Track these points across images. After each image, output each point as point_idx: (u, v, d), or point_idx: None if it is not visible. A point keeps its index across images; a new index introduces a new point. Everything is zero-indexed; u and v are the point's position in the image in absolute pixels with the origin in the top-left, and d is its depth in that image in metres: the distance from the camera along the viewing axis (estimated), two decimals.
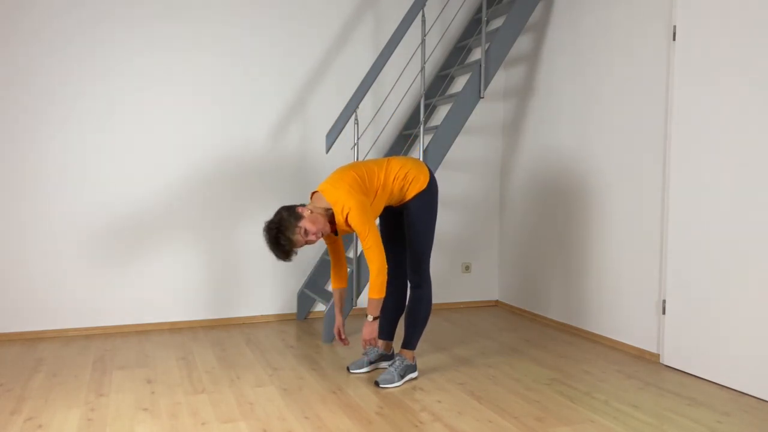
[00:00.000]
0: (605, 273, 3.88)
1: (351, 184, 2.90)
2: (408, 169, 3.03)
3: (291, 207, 2.92)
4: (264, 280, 4.42)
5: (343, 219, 2.89)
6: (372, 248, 2.85)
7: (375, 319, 2.94)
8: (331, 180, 2.95)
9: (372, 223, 2.86)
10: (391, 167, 3.03)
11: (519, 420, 2.67)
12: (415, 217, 3.06)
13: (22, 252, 3.90)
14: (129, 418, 2.66)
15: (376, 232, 2.86)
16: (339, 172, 2.98)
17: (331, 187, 2.92)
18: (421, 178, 3.04)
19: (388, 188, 3.00)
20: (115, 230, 4.08)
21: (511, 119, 4.83)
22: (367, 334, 2.96)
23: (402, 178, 3.01)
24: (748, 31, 2.97)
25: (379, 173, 3.00)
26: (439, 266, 4.87)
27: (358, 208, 2.83)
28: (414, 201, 3.04)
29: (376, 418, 2.69)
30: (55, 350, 3.68)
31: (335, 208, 2.89)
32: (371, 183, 2.97)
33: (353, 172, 2.96)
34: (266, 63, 4.35)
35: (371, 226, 2.85)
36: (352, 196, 2.85)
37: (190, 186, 4.23)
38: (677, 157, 3.34)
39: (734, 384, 3.06)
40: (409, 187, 3.03)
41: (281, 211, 2.90)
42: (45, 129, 3.91)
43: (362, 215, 2.83)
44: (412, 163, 3.08)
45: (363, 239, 2.86)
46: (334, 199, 2.89)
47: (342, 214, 2.87)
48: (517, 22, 4.09)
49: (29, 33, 3.85)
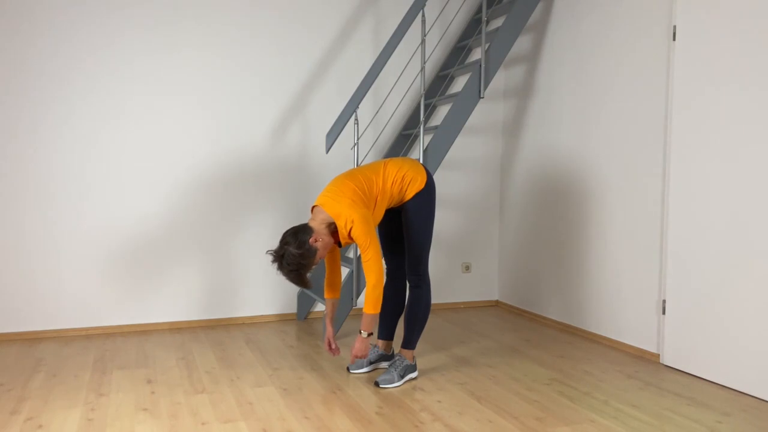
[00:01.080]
0: (605, 273, 3.88)
1: (352, 197, 2.90)
2: (405, 171, 3.04)
3: (299, 239, 2.83)
4: (264, 280, 4.42)
5: (346, 232, 2.90)
6: (371, 261, 2.86)
7: (369, 335, 2.94)
8: (330, 193, 2.94)
9: (374, 235, 2.87)
10: (389, 172, 3.03)
11: (519, 420, 2.67)
12: (414, 217, 3.06)
13: (22, 252, 3.90)
14: (129, 418, 2.66)
15: (377, 244, 2.87)
16: (337, 184, 2.96)
17: (332, 200, 2.91)
18: (419, 179, 3.05)
19: (387, 193, 3.01)
20: (115, 231, 4.08)
21: (511, 119, 4.83)
22: (359, 351, 2.97)
23: (400, 181, 3.02)
24: (748, 32, 2.97)
25: (377, 180, 3.00)
26: (439, 266, 4.87)
27: (361, 222, 2.84)
28: (412, 201, 3.05)
29: (376, 418, 2.69)
30: (55, 350, 3.68)
31: (338, 222, 2.89)
32: (370, 192, 2.97)
33: (352, 183, 2.95)
34: (266, 63, 4.35)
35: (372, 239, 2.86)
36: (354, 210, 2.86)
37: (189, 186, 4.23)
38: (677, 157, 3.34)
39: (734, 384, 3.06)
40: (407, 188, 3.03)
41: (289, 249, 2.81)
42: (45, 131, 3.91)
43: (365, 228, 2.85)
44: (409, 165, 3.08)
45: (363, 251, 2.87)
46: (336, 212, 2.89)
47: (346, 228, 2.88)
48: (517, 22, 4.09)
49: (29, 34, 3.85)
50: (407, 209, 3.07)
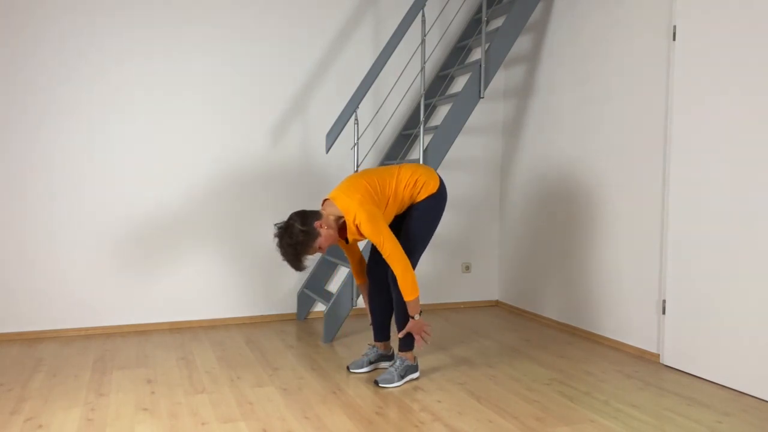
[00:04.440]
0: (605, 273, 3.88)
1: (363, 194, 2.94)
2: (418, 176, 3.09)
3: (307, 219, 2.89)
4: (264, 280, 4.42)
5: (354, 228, 2.94)
6: (392, 254, 2.89)
7: (419, 314, 3.02)
8: (343, 188, 2.98)
9: (385, 229, 2.89)
10: (402, 175, 3.08)
11: (519, 420, 2.67)
12: (419, 214, 3.08)
13: (22, 252, 3.90)
14: (129, 418, 2.66)
15: (390, 236, 2.89)
16: (351, 181, 3.01)
17: (343, 195, 2.95)
18: (431, 183, 3.09)
19: (399, 196, 3.05)
20: (115, 231, 4.08)
21: (511, 119, 4.83)
22: (413, 329, 3.02)
23: (412, 185, 3.07)
24: (748, 31, 2.97)
25: (390, 182, 3.05)
26: (439, 266, 4.87)
27: (369, 220, 2.87)
28: (422, 202, 3.09)
29: (376, 418, 2.69)
30: (55, 350, 3.68)
31: (347, 217, 2.93)
32: (383, 192, 3.01)
33: (365, 181, 3.00)
34: (266, 63, 4.35)
35: (385, 233, 2.88)
36: (363, 207, 2.89)
37: (189, 187, 4.23)
38: (677, 157, 3.34)
39: (734, 384, 3.06)
40: (419, 191, 3.08)
41: (295, 225, 2.87)
42: (45, 133, 3.91)
43: (374, 226, 2.87)
44: (423, 170, 3.13)
45: (381, 248, 2.90)
46: (345, 207, 2.93)
47: (353, 223, 2.93)
48: (517, 22, 4.09)
49: (30, 37, 3.85)
50: (415, 207, 3.09)
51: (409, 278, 2.90)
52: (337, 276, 4.59)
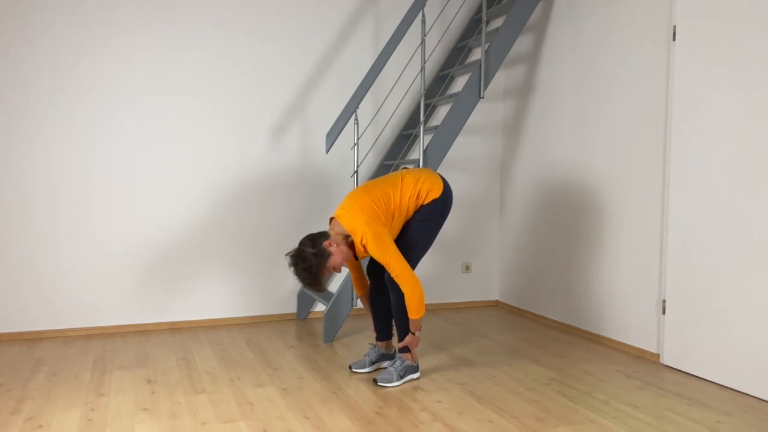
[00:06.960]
0: (605, 273, 3.88)
1: (369, 213, 2.95)
2: (421, 184, 3.08)
3: (316, 242, 2.94)
4: (264, 280, 4.42)
5: (362, 248, 2.97)
6: (399, 275, 2.90)
7: (419, 331, 3.08)
8: (348, 206, 3.00)
9: (392, 248, 2.90)
10: (406, 186, 3.08)
11: (519, 420, 2.67)
12: (422, 216, 3.08)
13: (22, 252, 3.90)
14: (129, 418, 2.66)
15: (398, 255, 2.90)
16: (354, 198, 3.01)
17: (348, 214, 2.97)
18: (435, 189, 3.08)
19: (404, 207, 3.05)
20: (115, 231, 4.08)
21: (511, 119, 4.83)
22: (408, 344, 3.10)
23: (416, 195, 3.07)
24: (748, 31, 2.97)
25: (394, 195, 3.04)
26: (439, 266, 4.87)
27: (376, 240, 2.89)
28: (426, 206, 3.09)
29: (376, 418, 2.69)
30: (55, 350, 3.68)
31: (354, 237, 2.96)
32: (388, 208, 3.01)
33: (369, 198, 2.99)
34: (266, 63, 4.35)
35: (391, 253, 2.89)
36: (369, 228, 2.91)
37: (189, 187, 4.23)
38: (677, 157, 3.34)
39: (734, 384, 3.06)
40: (425, 197, 3.08)
41: (306, 249, 2.92)
42: (48, 134, 3.91)
43: (381, 247, 2.89)
44: (426, 175, 3.12)
45: (388, 268, 2.91)
46: (352, 228, 2.95)
47: (361, 243, 2.95)
48: (517, 22, 4.09)
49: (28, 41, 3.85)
50: (418, 211, 3.10)
51: (416, 297, 2.92)
52: (337, 276, 4.59)
